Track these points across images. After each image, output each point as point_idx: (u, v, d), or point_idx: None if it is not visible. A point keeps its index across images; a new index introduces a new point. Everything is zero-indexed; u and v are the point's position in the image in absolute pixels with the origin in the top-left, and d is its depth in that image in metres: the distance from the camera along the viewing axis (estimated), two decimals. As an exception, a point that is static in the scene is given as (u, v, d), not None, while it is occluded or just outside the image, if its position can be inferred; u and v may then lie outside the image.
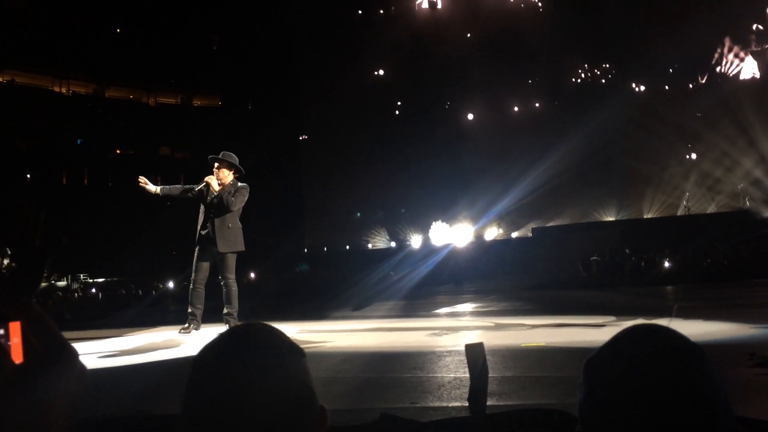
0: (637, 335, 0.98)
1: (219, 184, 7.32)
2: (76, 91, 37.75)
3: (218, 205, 7.21)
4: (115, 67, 37.38)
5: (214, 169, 7.40)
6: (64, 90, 37.18)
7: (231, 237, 7.25)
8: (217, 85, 39.40)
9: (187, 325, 7.36)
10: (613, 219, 27.49)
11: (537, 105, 31.67)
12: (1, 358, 0.55)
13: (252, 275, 18.36)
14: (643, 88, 30.54)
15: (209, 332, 7.29)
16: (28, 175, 33.87)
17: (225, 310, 7.24)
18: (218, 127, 36.01)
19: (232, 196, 7.22)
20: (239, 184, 7.39)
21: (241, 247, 7.37)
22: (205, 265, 7.34)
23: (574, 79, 31.68)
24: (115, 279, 22.07)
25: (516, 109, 31.78)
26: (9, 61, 34.54)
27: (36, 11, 36.11)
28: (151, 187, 7.35)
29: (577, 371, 1.04)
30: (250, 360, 0.88)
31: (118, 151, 37.96)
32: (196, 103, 41.25)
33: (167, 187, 7.61)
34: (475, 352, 3.33)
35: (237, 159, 7.48)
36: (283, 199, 33.46)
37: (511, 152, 28.15)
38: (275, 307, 12.79)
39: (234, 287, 7.25)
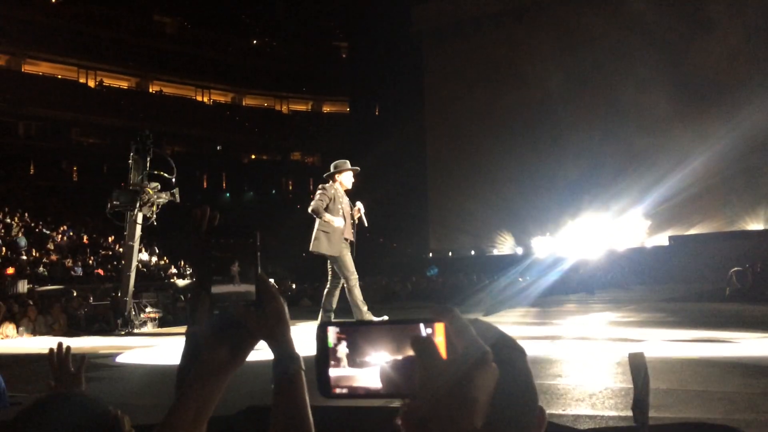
0: None
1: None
2: (216, 99, 40.21)
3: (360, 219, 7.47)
4: (251, 77, 39.50)
5: (353, 177, 7.57)
6: (206, 99, 39.70)
7: None
8: (346, 92, 40.56)
9: None
10: (763, 228, 25.39)
11: (678, 102, 28.84)
12: (434, 349, 0.65)
13: (384, 281, 18.73)
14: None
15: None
16: (173, 179, 36.39)
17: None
18: (346, 132, 37.04)
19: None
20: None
21: None
22: None
23: (722, 75, 28.72)
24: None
25: (656, 105, 29.13)
26: (158, 73, 37.42)
27: (180, 26, 38.87)
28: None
29: (743, 387, 0.95)
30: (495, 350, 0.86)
31: (253, 156, 39.97)
32: (326, 109, 42.67)
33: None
34: (637, 361, 3.20)
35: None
36: (408, 203, 33.79)
37: (647, 154, 26.54)
38: (408, 309, 12.92)
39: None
